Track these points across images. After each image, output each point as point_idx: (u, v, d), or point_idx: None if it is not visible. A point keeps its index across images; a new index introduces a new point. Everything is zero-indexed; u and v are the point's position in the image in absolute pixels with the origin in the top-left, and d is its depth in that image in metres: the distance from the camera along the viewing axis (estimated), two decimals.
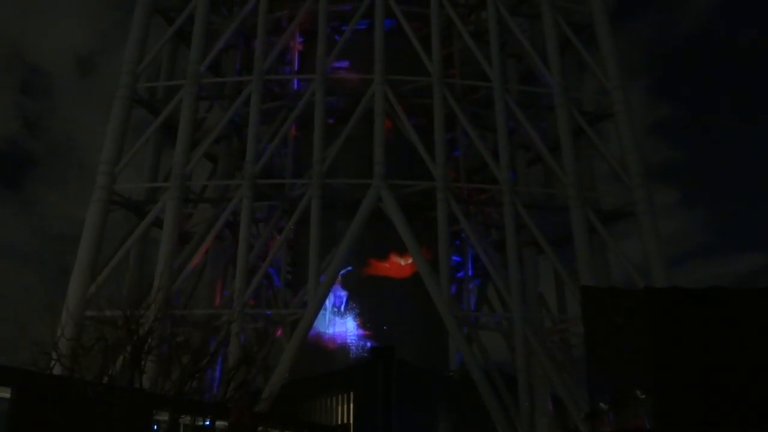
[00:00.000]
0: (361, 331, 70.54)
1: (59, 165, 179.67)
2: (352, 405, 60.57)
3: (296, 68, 76.97)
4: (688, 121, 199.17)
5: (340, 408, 61.79)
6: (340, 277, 68.55)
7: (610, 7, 75.38)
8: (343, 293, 71.33)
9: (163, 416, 37.10)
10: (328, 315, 70.31)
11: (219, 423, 39.36)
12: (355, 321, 70.62)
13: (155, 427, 38.34)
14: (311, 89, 66.72)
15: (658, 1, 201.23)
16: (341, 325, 70.73)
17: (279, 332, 65.59)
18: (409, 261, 68.85)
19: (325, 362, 67.32)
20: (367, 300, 71.30)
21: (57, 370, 32.78)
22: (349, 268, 69.48)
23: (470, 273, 74.58)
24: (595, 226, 65.17)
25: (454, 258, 70.95)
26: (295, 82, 73.36)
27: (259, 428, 39.87)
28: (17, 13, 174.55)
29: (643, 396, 29.95)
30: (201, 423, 42.10)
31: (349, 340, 70.56)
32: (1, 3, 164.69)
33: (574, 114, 68.33)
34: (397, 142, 68.02)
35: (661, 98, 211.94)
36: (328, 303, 69.68)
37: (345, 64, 72.56)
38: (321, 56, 67.02)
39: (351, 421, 60.04)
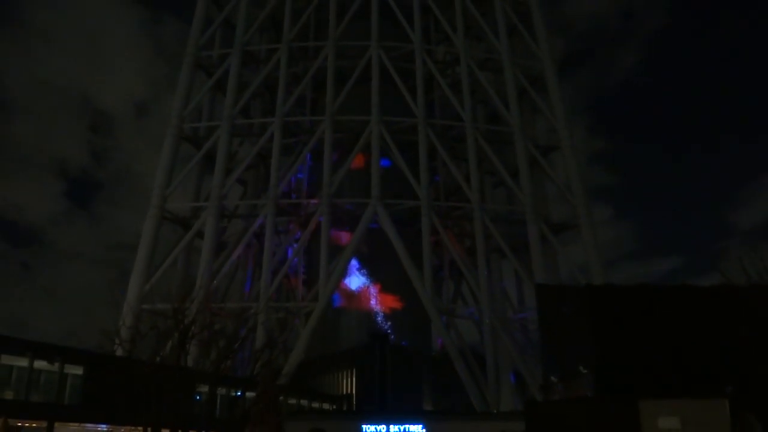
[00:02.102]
0: None
1: (121, 189, 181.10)
2: (354, 379, 60.40)
3: (309, 111, 77.07)
4: (620, 151, 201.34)
5: (344, 381, 61.61)
6: None
7: (558, 62, 76.10)
8: None
9: (204, 388, 37.02)
10: None
11: (248, 394, 39.24)
12: None
13: (197, 397, 38.25)
14: (321, 128, 66.99)
15: (596, 56, 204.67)
16: None
17: (296, 321, 65.38)
18: None
19: None
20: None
21: (119, 352, 32.68)
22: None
23: (448, 273, 74.52)
24: (546, 236, 65.37)
25: (435, 261, 70.80)
26: (309, 122, 73.47)
27: (281, 398, 39.75)
28: (85, 68, 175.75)
29: (585, 371, 29.97)
30: (234, 394, 41.99)
31: None
32: (72, 59, 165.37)
33: (530, 147, 68.63)
34: (390, 170, 68.19)
35: (599, 133, 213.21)
36: None
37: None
38: (329, 102, 67.31)
39: (354, 392, 59.88)
